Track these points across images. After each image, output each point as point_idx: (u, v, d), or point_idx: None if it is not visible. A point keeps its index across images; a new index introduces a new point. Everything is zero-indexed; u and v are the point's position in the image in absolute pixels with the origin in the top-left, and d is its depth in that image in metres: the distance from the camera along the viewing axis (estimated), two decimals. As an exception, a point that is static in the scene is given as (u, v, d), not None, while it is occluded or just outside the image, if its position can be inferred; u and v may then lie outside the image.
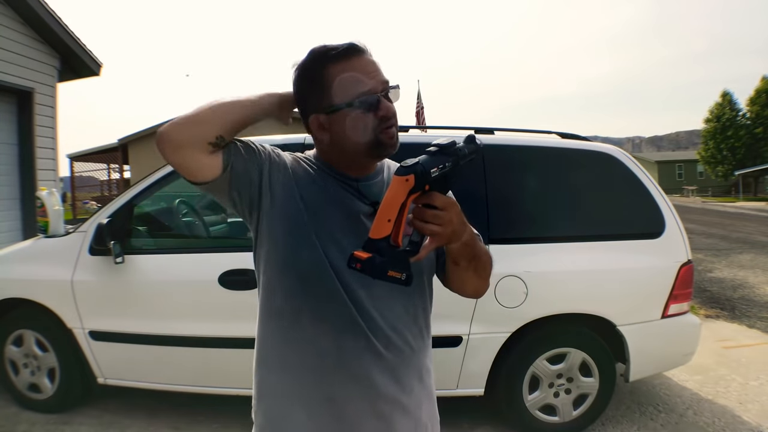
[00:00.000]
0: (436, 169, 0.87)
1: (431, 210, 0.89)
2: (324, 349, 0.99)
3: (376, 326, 0.99)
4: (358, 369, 0.99)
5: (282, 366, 1.02)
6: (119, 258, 2.61)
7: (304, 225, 0.98)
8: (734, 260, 8.47)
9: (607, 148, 2.94)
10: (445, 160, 0.89)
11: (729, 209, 22.10)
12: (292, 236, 0.99)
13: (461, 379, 2.65)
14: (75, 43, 6.76)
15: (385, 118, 0.99)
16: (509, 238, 2.63)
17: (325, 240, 0.98)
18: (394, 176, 0.86)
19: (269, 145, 1.05)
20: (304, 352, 1.00)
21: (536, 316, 2.62)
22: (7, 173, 6.15)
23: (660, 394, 3.33)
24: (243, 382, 2.76)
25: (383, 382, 1.00)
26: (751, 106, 36.24)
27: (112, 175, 19.36)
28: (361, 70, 0.99)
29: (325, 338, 0.99)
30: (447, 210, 0.90)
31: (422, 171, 0.85)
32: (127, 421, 2.91)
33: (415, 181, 0.85)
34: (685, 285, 2.74)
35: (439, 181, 0.89)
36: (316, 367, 1.00)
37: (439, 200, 0.90)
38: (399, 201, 0.85)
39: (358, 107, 0.98)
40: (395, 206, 0.85)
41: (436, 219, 0.89)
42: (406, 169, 0.85)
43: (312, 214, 0.99)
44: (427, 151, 0.90)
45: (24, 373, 2.96)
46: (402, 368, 1.03)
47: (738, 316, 5.22)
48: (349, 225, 1.01)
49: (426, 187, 0.88)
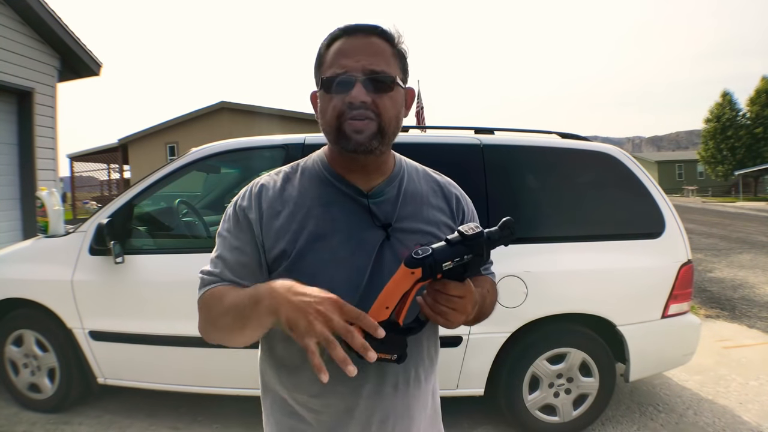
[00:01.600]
0: (450, 263, 0.81)
1: (445, 296, 0.84)
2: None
3: (387, 367, 0.94)
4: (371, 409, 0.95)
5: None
6: (119, 258, 2.61)
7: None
8: (734, 260, 8.47)
9: (607, 148, 2.94)
10: (464, 252, 0.82)
11: (729, 209, 22.09)
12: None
13: (461, 379, 2.65)
14: (75, 43, 6.76)
15: (351, 105, 0.89)
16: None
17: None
18: (402, 265, 0.81)
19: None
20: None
21: (536, 316, 2.62)
22: (7, 173, 6.15)
23: (660, 394, 3.33)
24: (243, 382, 2.78)
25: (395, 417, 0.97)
26: (751, 106, 36.22)
27: (112, 175, 19.37)
28: (351, 50, 0.92)
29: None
30: (464, 298, 0.85)
31: (432, 264, 0.80)
32: (127, 421, 2.91)
33: (422, 274, 0.80)
34: (685, 285, 2.74)
35: (454, 271, 0.82)
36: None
37: (454, 289, 0.84)
38: (401, 291, 0.80)
39: (324, 86, 0.93)
40: (396, 295, 0.80)
41: (450, 304, 0.84)
42: (415, 261, 0.79)
43: (315, 250, 0.93)
44: (448, 240, 0.83)
45: (24, 373, 2.96)
46: (414, 402, 0.99)
47: (738, 316, 5.22)
48: (360, 258, 0.93)
49: (438, 276, 0.81)
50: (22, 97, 6.26)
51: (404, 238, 0.96)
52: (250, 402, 2.99)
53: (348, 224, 0.95)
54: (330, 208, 0.96)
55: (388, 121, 0.93)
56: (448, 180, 1.13)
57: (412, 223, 0.99)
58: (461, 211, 1.08)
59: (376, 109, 0.91)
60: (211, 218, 3.38)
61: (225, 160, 3.21)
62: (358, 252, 0.93)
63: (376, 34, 0.94)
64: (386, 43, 0.95)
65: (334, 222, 0.94)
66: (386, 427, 0.95)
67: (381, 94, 0.91)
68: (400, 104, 0.96)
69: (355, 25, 0.94)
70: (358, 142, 0.90)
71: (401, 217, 0.98)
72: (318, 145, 1.09)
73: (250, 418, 2.95)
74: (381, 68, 0.91)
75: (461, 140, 2.87)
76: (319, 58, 0.96)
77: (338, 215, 0.95)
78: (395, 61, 0.95)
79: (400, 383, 0.96)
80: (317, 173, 1.00)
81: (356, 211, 0.96)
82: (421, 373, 0.99)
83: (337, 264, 0.92)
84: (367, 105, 0.90)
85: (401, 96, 0.97)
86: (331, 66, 0.92)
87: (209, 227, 3.17)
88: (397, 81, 0.94)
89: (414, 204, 1.01)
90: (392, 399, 0.95)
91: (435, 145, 2.85)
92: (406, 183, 1.03)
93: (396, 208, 0.98)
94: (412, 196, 1.02)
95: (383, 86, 0.92)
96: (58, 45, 6.62)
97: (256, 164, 3.36)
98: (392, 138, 0.96)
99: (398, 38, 0.96)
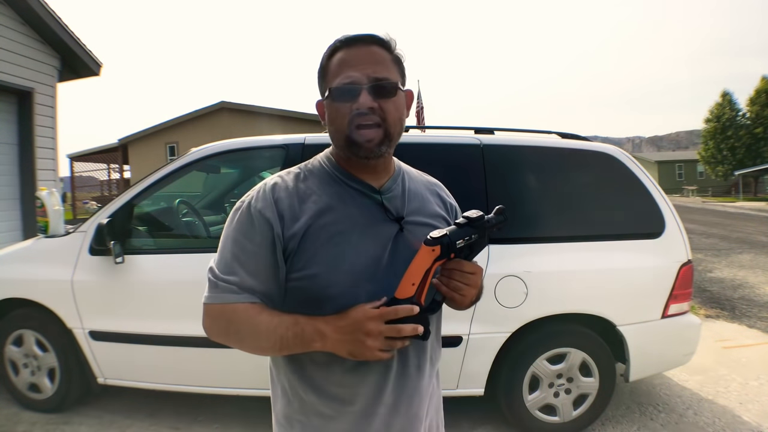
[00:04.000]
0: (462, 241, 0.95)
1: (461, 273, 0.96)
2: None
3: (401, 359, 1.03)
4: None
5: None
6: (119, 258, 2.61)
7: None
8: (734, 260, 8.47)
9: (607, 148, 2.94)
10: (471, 232, 0.96)
11: (729, 209, 22.09)
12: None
13: (461, 379, 2.65)
14: (75, 43, 6.76)
15: (359, 111, 0.95)
16: (509, 238, 2.63)
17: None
18: (423, 245, 0.93)
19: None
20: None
21: (536, 316, 2.62)
22: (7, 173, 6.15)
23: (660, 394, 3.33)
24: (243, 382, 2.78)
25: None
26: (751, 106, 36.20)
27: (112, 175, 19.37)
28: (354, 60, 0.98)
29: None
30: (475, 274, 0.98)
31: (448, 243, 0.93)
32: (128, 422, 2.92)
33: (440, 251, 0.93)
34: (685, 285, 2.74)
35: (464, 250, 0.96)
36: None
37: (468, 266, 0.97)
38: (424, 267, 0.93)
39: (332, 95, 0.98)
40: (421, 272, 0.93)
41: (465, 279, 0.96)
42: (434, 240, 0.92)
43: (335, 245, 0.98)
44: (456, 223, 0.97)
45: (24, 373, 2.96)
46: (429, 382, 1.09)
47: (738, 316, 5.22)
48: (378, 254, 1.00)
49: (452, 255, 0.95)
50: (22, 97, 6.26)
51: (415, 230, 1.04)
52: (250, 402, 3.00)
53: (365, 219, 1.01)
54: (346, 204, 1.01)
55: (393, 125, 0.99)
56: (433, 179, 1.23)
57: (419, 216, 1.07)
58: (449, 205, 1.19)
59: (382, 114, 0.97)
60: (211, 218, 3.39)
61: (225, 160, 3.21)
62: (376, 244, 1.00)
63: (375, 43, 1.00)
64: (384, 50, 1.01)
65: (351, 217, 1.00)
66: (412, 407, 1.03)
67: (386, 99, 0.97)
68: (402, 107, 1.02)
69: (355, 36, 1.00)
70: (369, 150, 0.97)
71: (410, 212, 1.06)
72: (318, 145, 1.10)
73: (250, 418, 2.95)
74: (384, 75, 0.97)
75: (461, 140, 2.87)
76: (322, 69, 1.02)
77: (354, 211, 1.01)
78: (394, 66, 1.01)
79: (422, 364, 1.05)
80: (327, 173, 1.05)
81: (370, 207, 1.02)
82: (435, 356, 1.11)
83: (357, 255, 0.98)
84: (373, 110, 0.96)
85: (402, 99, 1.03)
86: (336, 76, 0.98)
87: (209, 227, 3.17)
88: (398, 86, 1.00)
89: (417, 200, 1.10)
90: (417, 380, 1.04)
91: (435, 145, 2.85)
92: (408, 181, 1.11)
93: (404, 203, 1.07)
94: (415, 192, 1.11)
95: (387, 92, 0.98)
96: (58, 45, 6.62)
97: (256, 164, 3.36)
98: (397, 139, 1.02)
99: (394, 45, 1.02)
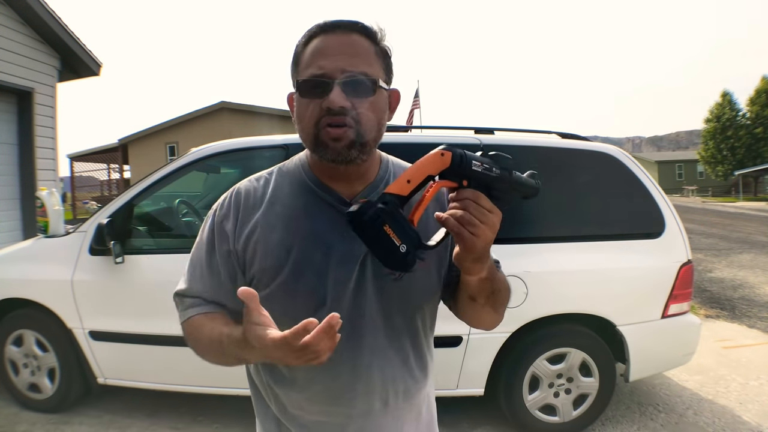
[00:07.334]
0: (479, 164, 0.75)
1: (476, 205, 0.75)
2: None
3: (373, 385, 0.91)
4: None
5: None
6: (119, 258, 2.61)
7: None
8: (734, 260, 8.46)
9: (607, 148, 2.94)
10: (494, 166, 0.77)
11: (729, 209, 22.09)
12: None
13: (461, 379, 2.65)
14: (75, 43, 6.76)
15: (329, 111, 0.81)
16: (509, 238, 2.63)
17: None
18: (434, 149, 0.75)
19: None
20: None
21: (536, 316, 2.62)
22: (7, 173, 6.16)
23: (660, 394, 3.33)
24: (243, 382, 2.76)
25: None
26: (751, 106, 36.21)
27: (112, 175, 19.37)
28: (329, 49, 0.83)
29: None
30: (493, 214, 0.76)
31: (462, 156, 0.74)
32: (127, 421, 2.91)
33: (451, 162, 0.74)
34: (685, 285, 2.74)
35: (479, 180, 0.76)
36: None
37: (485, 201, 0.76)
38: (427, 171, 0.74)
39: (300, 88, 0.85)
40: (421, 175, 0.74)
41: (480, 214, 0.75)
42: (448, 147, 0.75)
43: (294, 262, 0.88)
44: (481, 152, 0.79)
45: (24, 373, 2.96)
46: (405, 414, 0.96)
47: (738, 316, 5.22)
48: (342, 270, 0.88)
49: (464, 182, 0.76)
50: (22, 97, 6.26)
51: None
52: (250, 402, 2.98)
53: (330, 236, 0.88)
54: (312, 219, 0.89)
55: (368, 129, 0.84)
56: None
57: None
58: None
59: (356, 115, 0.82)
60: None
61: (225, 160, 3.21)
62: (341, 266, 0.87)
63: (357, 31, 0.85)
64: (368, 40, 0.86)
65: (316, 235, 0.88)
66: None
67: (361, 98, 0.83)
68: (382, 109, 0.87)
69: (335, 21, 0.85)
70: (336, 151, 0.83)
71: None
72: None
73: (250, 418, 2.94)
74: (362, 69, 0.83)
75: (461, 140, 2.87)
76: (295, 57, 0.88)
77: (320, 227, 0.89)
78: (378, 60, 0.86)
79: (390, 399, 0.92)
80: (298, 179, 0.94)
81: (339, 222, 0.86)
82: (411, 386, 0.95)
83: (319, 278, 0.87)
84: (346, 110, 0.81)
85: (384, 99, 0.88)
86: (307, 67, 0.84)
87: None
88: (379, 83, 0.85)
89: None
90: (383, 416, 0.92)
91: (435, 145, 2.84)
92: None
93: None
94: None
95: (364, 90, 0.83)
96: (58, 45, 6.62)
97: (256, 164, 3.35)
98: (374, 145, 0.88)
99: (381, 35, 0.87)
